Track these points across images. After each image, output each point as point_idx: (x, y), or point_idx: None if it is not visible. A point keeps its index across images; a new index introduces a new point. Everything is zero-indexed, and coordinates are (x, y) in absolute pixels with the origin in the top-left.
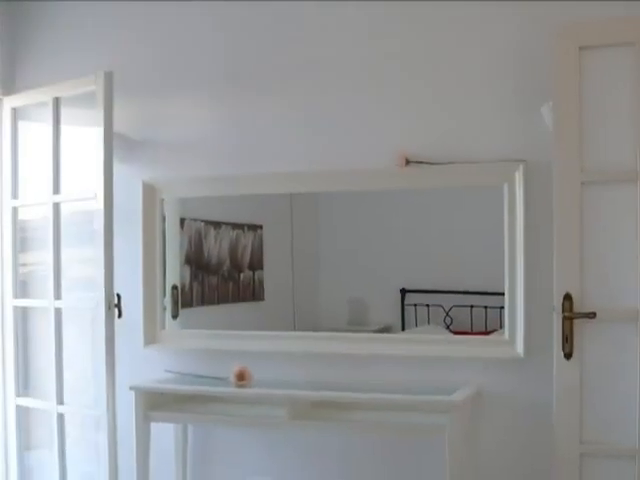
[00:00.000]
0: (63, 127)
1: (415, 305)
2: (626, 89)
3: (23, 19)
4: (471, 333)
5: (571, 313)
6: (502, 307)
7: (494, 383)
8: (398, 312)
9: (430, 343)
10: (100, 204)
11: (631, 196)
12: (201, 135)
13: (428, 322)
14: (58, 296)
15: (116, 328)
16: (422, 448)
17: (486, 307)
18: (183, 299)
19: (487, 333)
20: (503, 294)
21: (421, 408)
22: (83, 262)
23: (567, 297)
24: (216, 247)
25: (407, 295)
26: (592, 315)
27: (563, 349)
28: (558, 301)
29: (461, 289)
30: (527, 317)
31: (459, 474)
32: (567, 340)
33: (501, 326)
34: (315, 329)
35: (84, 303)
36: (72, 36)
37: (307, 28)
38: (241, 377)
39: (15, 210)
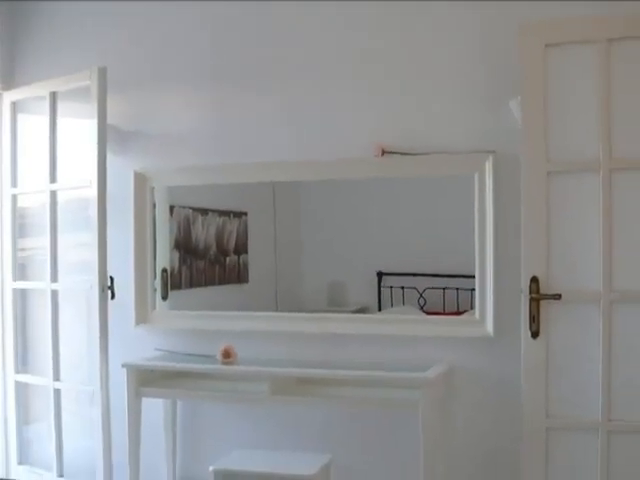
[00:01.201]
0: (59, 120)
1: (391, 287)
2: (589, 84)
3: (22, 18)
4: (444, 314)
5: (538, 295)
6: (473, 289)
7: (465, 360)
8: (375, 294)
9: (405, 323)
10: (94, 192)
11: (594, 185)
12: (189, 127)
13: (403, 303)
14: (55, 279)
15: (109, 309)
16: (398, 422)
17: (458, 289)
18: (172, 282)
19: (459, 314)
20: (474, 277)
21: (396, 384)
22: (78, 247)
23: (534, 280)
24: (203, 233)
25: (383, 278)
26: (557, 297)
27: (530, 328)
28: (525, 283)
29: (434, 272)
30: (496, 298)
31: (432, 446)
32: (534, 320)
33: (472, 307)
34: (296, 310)
35: (79, 285)
36: (68, 34)
37: (289, 27)
38: (227, 355)
39: (14, 198)
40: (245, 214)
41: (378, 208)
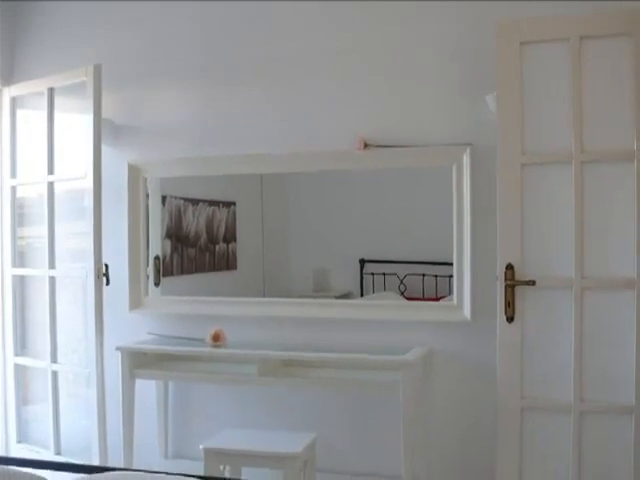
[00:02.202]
0: (57, 114)
1: (373, 274)
2: (562, 80)
3: (21, 17)
4: (423, 299)
5: (513, 281)
6: (451, 276)
7: (443, 344)
8: (357, 280)
9: (386, 308)
10: (90, 183)
11: (566, 176)
12: (181, 121)
13: (384, 289)
14: (52, 266)
15: (104, 295)
16: (380, 402)
17: (436, 276)
18: (164, 268)
19: (437, 299)
20: (452, 264)
21: (378, 366)
22: (75, 235)
23: (509, 267)
24: (194, 222)
25: (366, 265)
26: (532, 283)
27: (506, 313)
28: (501, 270)
29: (414, 259)
30: (473, 285)
31: (412, 425)
32: (509, 305)
33: (450, 293)
34: (283, 295)
35: (75, 272)
36: (65, 33)
37: (275, 24)
38: (216, 338)
39: (14, 188)
40: (234, 204)
41: (361, 198)
